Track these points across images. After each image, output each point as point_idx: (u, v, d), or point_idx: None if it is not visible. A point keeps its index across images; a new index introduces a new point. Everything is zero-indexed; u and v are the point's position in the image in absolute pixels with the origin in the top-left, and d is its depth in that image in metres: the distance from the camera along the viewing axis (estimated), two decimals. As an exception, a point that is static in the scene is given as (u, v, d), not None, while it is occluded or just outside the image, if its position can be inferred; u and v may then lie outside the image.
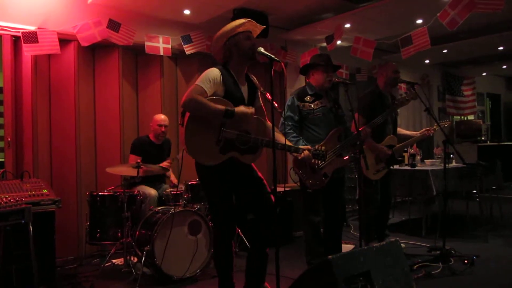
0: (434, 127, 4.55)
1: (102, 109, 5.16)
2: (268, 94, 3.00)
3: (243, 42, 2.91)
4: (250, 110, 2.83)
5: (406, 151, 5.70)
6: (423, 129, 4.56)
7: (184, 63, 5.84)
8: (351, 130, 3.93)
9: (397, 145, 4.42)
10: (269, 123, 3.11)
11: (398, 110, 4.64)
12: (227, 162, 2.87)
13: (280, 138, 3.11)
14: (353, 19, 5.84)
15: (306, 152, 3.14)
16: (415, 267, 3.93)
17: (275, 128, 3.15)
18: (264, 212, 2.95)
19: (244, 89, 2.99)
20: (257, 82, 3.12)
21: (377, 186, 4.36)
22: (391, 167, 4.54)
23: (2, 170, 4.18)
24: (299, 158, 3.18)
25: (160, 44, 5.32)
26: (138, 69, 5.59)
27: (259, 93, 3.12)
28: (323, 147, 3.19)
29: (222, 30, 2.96)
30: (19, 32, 4.32)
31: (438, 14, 4.78)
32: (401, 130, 4.76)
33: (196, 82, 2.80)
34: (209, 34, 5.59)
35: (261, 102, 3.18)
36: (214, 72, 2.85)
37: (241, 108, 2.79)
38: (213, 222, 3.21)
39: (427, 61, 9.63)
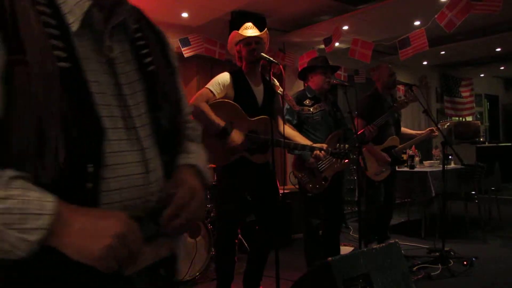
0: (439, 126, 4.57)
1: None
2: (287, 95, 3.11)
3: (244, 48, 3.00)
4: (238, 142, 2.85)
5: (405, 153, 5.71)
6: (427, 129, 4.54)
7: (182, 66, 5.81)
8: (352, 131, 3.93)
9: (399, 146, 4.43)
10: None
11: (401, 111, 4.65)
12: (241, 163, 2.89)
13: (295, 138, 3.16)
14: (351, 21, 5.85)
15: (323, 152, 3.16)
16: (414, 268, 3.93)
17: (294, 128, 3.24)
18: (267, 220, 2.99)
19: (259, 90, 3.05)
20: (277, 83, 3.15)
21: (380, 187, 4.37)
22: (395, 168, 4.56)
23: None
24: (315, 154, 3.20)
25: (159, 47, 5.32)
26: (136, 72, 5.58)
27: (279, 96, 3.18)
28: (346, 145, 3.21)
29: (232, 38, 3.10)
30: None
31: (435, 16, 4.80)
32: (405, 130, 4.77)
33: (206, 86, 2.89)
34: (207, 37, 5.60)
35: (281, 104, 3.29)
36: (224, 76, 2.96)
37: (235, 137, 2.84)
38: (216, 223, 3.24)
39: (425, 63, 9.65)
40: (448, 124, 4.84)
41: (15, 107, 0.78)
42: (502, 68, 10.99)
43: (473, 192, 5.71)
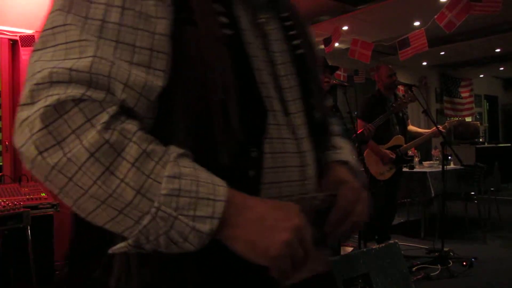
0: (446, 124, 4.57)
1: (100, 112, 5.15)
2: None
3: None
4: None
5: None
6: (434, 128, 4.52)
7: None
8: (351, 132, 3.94)
9: (405, 145, 4.43)
10: None
11: (408, 111, 4.65)
12: None
13: None
14: (350, 21, 5.85)
15: None
16: (414, 269, 3.93)
17: None
18: None
19: None
20: None
21: (383, 186, 4.37)
22: (401, 168, 4.56)
23: (0, 174, 4.17)
24: None
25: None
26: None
27: None
28: None
29: None
30: (16, 36, 4.32)
31: (435, 16, 4.80)
32: (412, 128, 4.77)
33: None
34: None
35: None
36: None
37: None
38: None
39: (424, 63, 9.65)
40: (455, 122, 4.85)
41: (183, 73, 0.69)
42: (501, 68, 11.00)
43: (473, 193, 5.71)
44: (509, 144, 10.08)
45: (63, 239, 4.58)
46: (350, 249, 4.68)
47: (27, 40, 4.33)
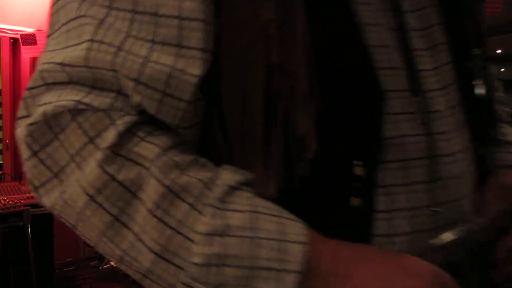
0: None
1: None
2: None
3: None
4: None
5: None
6: None
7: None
8: None
9: None
10: None
11: None
12: None
13: None
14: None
15: None
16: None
17: None
18: None
19: None
20: None
21: None
22: None
23: (0, 172, 4.17)
24: None
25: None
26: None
27: None
28: None
29: None
30: (17, 34, 4.32)
31: (436, 17, 4.80)
32: None
33: None
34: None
35: None
36: None
37: None
38: None
39: (425, 64, 9.67)
40: None
41: (231, 48, 0.44)
42: (502, 70, 11.00)
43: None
44: (509, 146, 10.09)
45: (63, 238, 4.58)
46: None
47: (28, 39, 4.33)
